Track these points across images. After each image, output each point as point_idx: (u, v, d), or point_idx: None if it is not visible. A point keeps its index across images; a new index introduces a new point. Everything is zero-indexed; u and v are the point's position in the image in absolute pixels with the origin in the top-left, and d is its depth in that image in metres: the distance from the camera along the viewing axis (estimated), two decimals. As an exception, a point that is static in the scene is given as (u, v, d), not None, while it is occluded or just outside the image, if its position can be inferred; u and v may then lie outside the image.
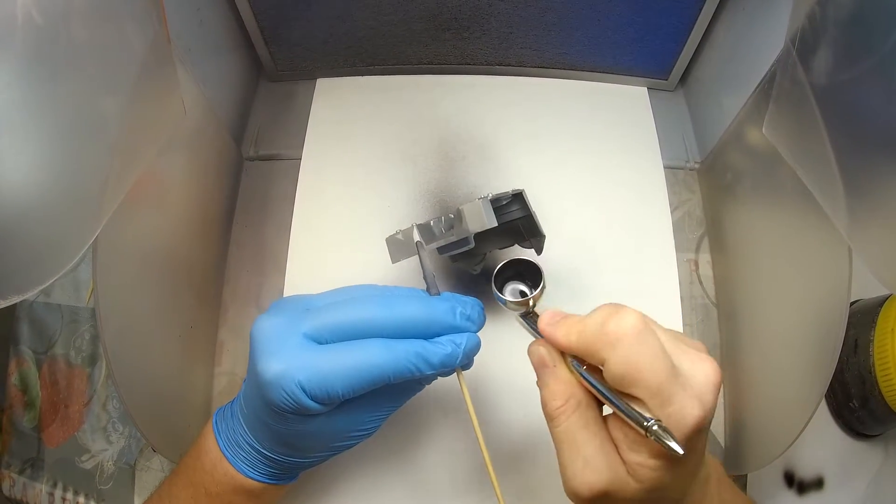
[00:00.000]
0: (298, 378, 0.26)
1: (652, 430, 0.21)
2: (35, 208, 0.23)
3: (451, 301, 0.29)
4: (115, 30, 0.27)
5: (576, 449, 0.24)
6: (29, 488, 0.45)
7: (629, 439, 0.23)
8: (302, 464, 0.32)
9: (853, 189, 0.26)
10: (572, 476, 0.24)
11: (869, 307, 0.40)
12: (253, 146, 0.50)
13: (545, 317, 0.26)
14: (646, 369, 0.22)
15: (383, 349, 0.27)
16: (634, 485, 0.23)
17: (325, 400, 0.27)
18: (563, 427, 0.24)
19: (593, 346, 0.23)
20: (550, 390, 0.25)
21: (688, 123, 0.50)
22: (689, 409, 0.22)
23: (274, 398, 0.27)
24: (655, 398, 0.22)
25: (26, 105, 0.22)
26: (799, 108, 0.30)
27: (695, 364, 0.23)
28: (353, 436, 0.31)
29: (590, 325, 0.23)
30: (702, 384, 0.22)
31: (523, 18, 0.45)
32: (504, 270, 0.29)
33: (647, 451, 0.23)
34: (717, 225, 0.46)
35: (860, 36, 0.25)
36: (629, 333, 0.22)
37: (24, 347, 0.48)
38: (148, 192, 0.34)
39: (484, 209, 0.32)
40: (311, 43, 0.48)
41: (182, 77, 0.34)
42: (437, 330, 0.29)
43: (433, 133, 0.48)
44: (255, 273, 0.46)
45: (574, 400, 0.25)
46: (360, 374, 0.27)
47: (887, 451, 0.42)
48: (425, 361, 0.28)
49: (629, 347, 0.22)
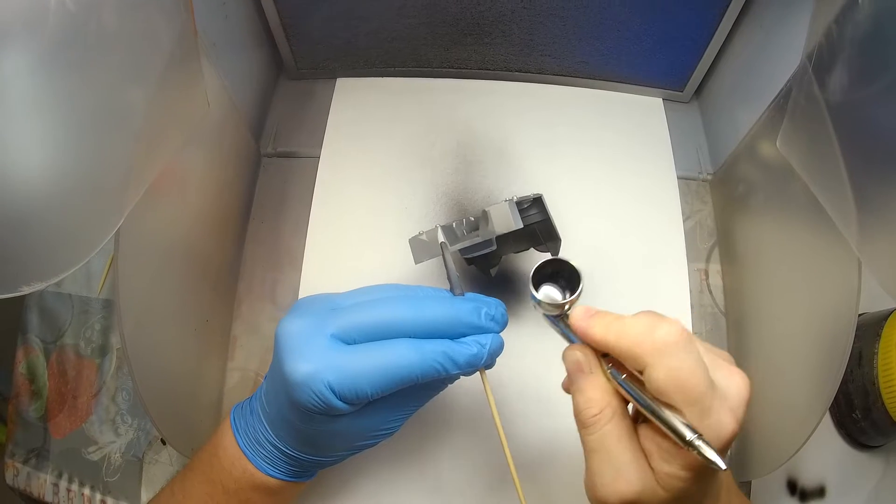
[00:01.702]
0: (328, 379, 0.27)
1: (694, 444, 0.21)
2: (59, 195, 0.23)
3: (476, 301, 0.29)
4: (144, 19, 0.27)
5: (608, 458, 0.24)
6: (33, 478, 0.45)
7: (662, 450, 0.23)
8: (323, 462, 0.32)
9: (864, 204, 0.27)
10: (602, 485, 0.24)
11: (874, 320, 0.41)
12: (271, 143, 0.50)
13: (579, 311, 0.25)
14: (689, 380, 0.22)
15: (412, 349, 0.27)
16: (662, 494, 0.23)
17: (354, 400, 0.27)
18: (597, 436, 0.24)
19: (635, 349, 0.23)
20: (587, 397, 0.25)
21: (701, 135, 0.51)
22: (725, 423, 0.22)
23: (302, 399, 0.27)
24: (694, 409, 0.22)
25: (53, 91, 0.22)
26: (813, 124, 0.30)
27: (728, 377, 0.23)
28: (376, 435, 0.31)
29: (632, 328, 0.23)
30: (735, 397, 0.23)
31: (545, 26, 0.46)
32: (542, 270, 0.29)
33: (679, 463, 0.23)
34: (727, 235, 0.47)
35: (876, 55, 0.26)
36: (677, 342, 0.22)
37: (32, 336, 0.48)
38: (169, 184, 0.34)
39: (511, 211, 0.32)
40: (332, 42, 0.48)
41: (206, 70, 0.34)
42: (461, 330, 0.29)
43: (451, 136, 0.49)
44: (271, 269, 0.46)
45: (610, 409, 0.24)
46: (388, 374, 0.27)
47: (888, 462, 0.43)
48: (452, 361, 0.28)
49: (675, 356, 0.22)
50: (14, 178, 0.21)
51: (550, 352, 0.43)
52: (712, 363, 0.23)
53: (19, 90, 0.20)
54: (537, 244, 0.39)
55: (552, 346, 0.28)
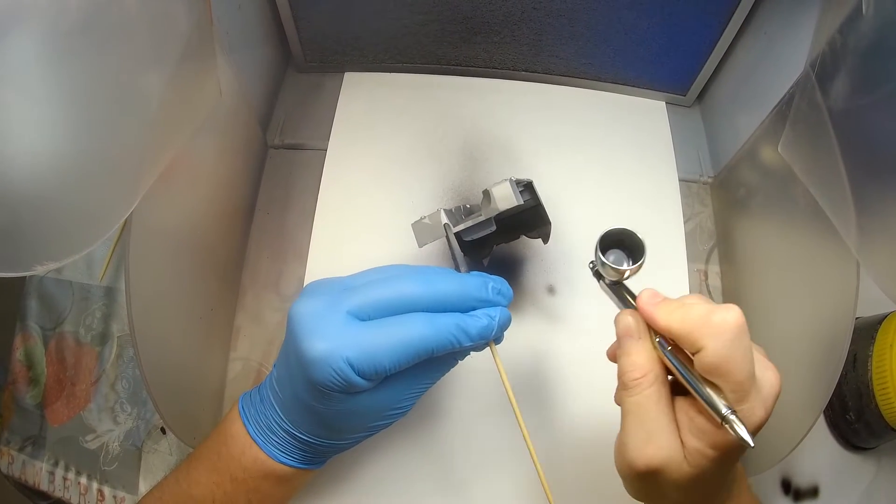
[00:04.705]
0: (346, 355, 0.27)
1: (728, 418, 0.22)
2: (74, 176, 0.23)
3: (482, 277, 0.30)
4: (164, 4, 0.27)
5: (643, 422, 0.25)
6: (28, 466, 0.44)
7: (694, 425, 0.24)
8: (337, 446, 0.32)
9: (864, 208, 0.28)
10: (634, 447, 0.24)
11: (869, 324, 0.42)
12: (278, 134, 0.50)
13: (645, 295, 0.26)
14: (737, 364, 0.23)
15: (427, 323, 0.28)
16: (687, 469, 0.24)
17: (373, 376, 0.28)
18: (637, 398, 0.25)
19: (695, 332, 0.23)
20: (632, 360, 0.26)
21: (703, 139, 0.52)
22: (757, 411, 0.23)
23: (321, 377, 0.27)
24: (735, 393, 0.23)
25: (73, 73, 0.22)
26: (815, 130, 0.31)
27: (764, 371, 0.24)
28: (391, 414, 0.31)
29: (693, 312, 0.24)
30: (767, 389, 0.24)
31: (553, 27, 0.47)
32: (608, 237, 0.29)
33: (708, 440, 0.24)
34: (727, 237, 0.48)
35: (879, 65, 0.26)
36: (734, 328, 0.23)
37: (31, 323, 0.48)
38: (181, 172, 0.34)
39: (513, 188, 0.33)
40: (341, 36, 0.49)
41: (219, 59, 0.35)
42: (471, 304, 0.30)
43: (458, 133, 0.49)
44: (276, 259, 0.46)
45: (652, 374, 0.25)
46: (406, 348, 0.27)
47: (880, 464, 0.44)
48: (465, 333, 0.28)
49: (730, 340, 0.23)
50: (31, 158, 0.21)
51: (548, 342, 0.43)
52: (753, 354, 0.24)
53: (40, 72, 0.20)
54: (528, 231, 0.39)
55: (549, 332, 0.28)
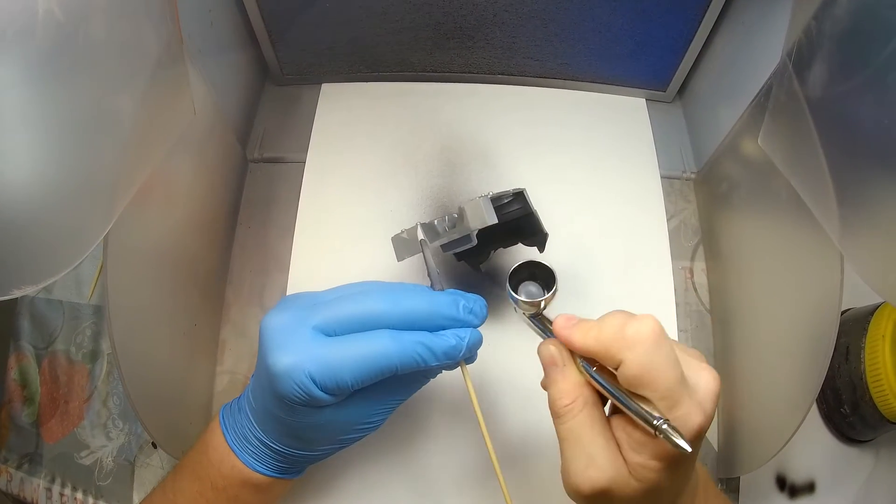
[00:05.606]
0: (309, 369, 0.27)
1: (661, 428, 0.22)
2: (48, 202, 0.24)
3: (454, 295, 0.30)
4: (132, 28, 0.28)
5: (580, 446, 0.24)
6: (27, 483, 0.45)
7: (633, 440, 0.24)
8: (309, 457, 0.32)
9: (846, 199, 0.27)
10: (575, 472, 0.24)
11: (860, 315, 0.41)
12: (257, 148, 0.51)
13: (560, 320, 0.26)
14: (660, 372, 0.22)
15: (390, 340, 0.28)
16: (635, 484, 0.24)
17: (335, 390, 0.28)
18: (569, 425, 0.25)
19: (611, 348, 0.23)
20: (559, 388, 0.26)
21: (684, 134, 0.52)
22: (693, 415, 0.23)
23: (285, 390, 0.28)
24: (665, 401, 0.23)
25: (43, 100, 0.22)
26: (794, 120, 0.31)
27: (697, 373, 0.24)
28: (361, 428, 0.31)
29: (606, 328, 0.24)
30: (703, 392, 0.23)
31: (527, 29, 0.46)
32: (518, 272, 0.30)
33: (649, 453, 0.23)
34: (712, 234, 0.47)
35: (855, 50, 0.26)
36: (649, 337, 0.23)
37: (24, 343, 0.49)
38: (156, 190, 0.34)
39: (484, 207, 0.33)
40: (317, 47, 0.49)
41: (192, 77, 0.35)
42: (441, 322, 0.29)
43: (436, 139, 0.49)
44: (258, 273, 0.47)
45: (581, 399, 0.25)
46: (368, 364, 0.27)
47: (878, 456, 0.43)
48: (430, 352, 0.28)
49: (647, 350, 0.23)
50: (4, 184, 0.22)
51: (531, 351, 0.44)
52: (682, 360, 0.24)
53: (9, 99, 0.21)
54: (523, 239, 0.39)
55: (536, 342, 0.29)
